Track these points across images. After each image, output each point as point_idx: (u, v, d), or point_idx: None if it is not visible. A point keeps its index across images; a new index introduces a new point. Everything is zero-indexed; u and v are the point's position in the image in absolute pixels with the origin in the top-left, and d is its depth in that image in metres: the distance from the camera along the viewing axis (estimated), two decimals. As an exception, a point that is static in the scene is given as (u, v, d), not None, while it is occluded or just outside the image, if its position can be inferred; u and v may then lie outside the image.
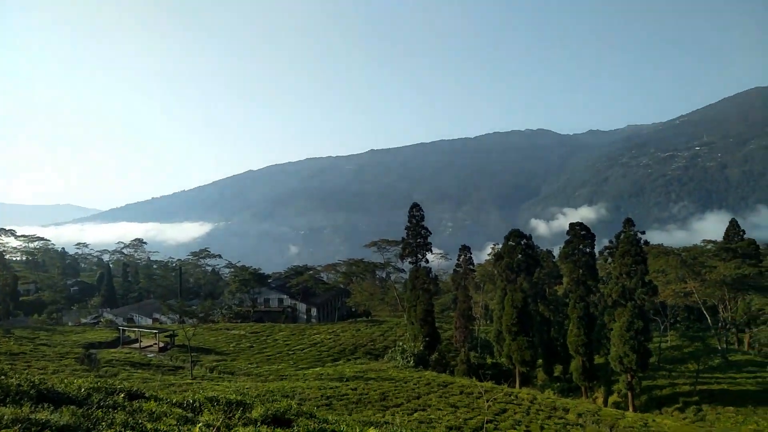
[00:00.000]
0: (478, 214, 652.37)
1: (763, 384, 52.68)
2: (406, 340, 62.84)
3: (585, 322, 56.06)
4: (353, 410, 30.35)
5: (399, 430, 14.00)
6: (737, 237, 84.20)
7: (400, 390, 37.66)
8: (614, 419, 35.49)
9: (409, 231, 69.27)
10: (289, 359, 57.05)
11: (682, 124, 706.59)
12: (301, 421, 12.50)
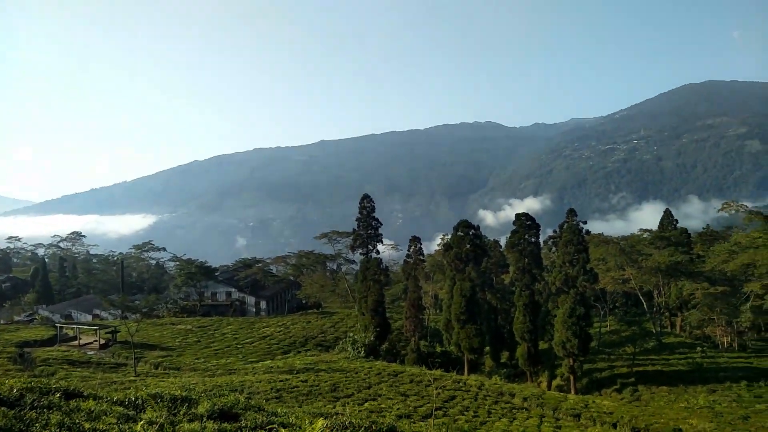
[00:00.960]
0: (428, 205, 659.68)
1: (693, 364, 55.96)
2: (356, 330, 62.99)
3: (530, 309, 57.85)
4: (304, 402, 30.20)
5: (349, 420, 14.02)
6: (671, 226, 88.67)
7: (350, 380, 37.75)
8: (557, 402, 36.84)
9: (360, 222, 69.27)
10: (238, 353, 56.13)
11: (621, 119, 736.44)
12: (249, 415, 12.31)
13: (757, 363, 56.17)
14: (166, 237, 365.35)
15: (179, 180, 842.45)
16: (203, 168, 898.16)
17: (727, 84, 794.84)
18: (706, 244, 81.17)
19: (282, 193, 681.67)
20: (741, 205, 64.81)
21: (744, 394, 47.04)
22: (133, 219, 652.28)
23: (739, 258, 57.50)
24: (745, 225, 69.82)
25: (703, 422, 35.54)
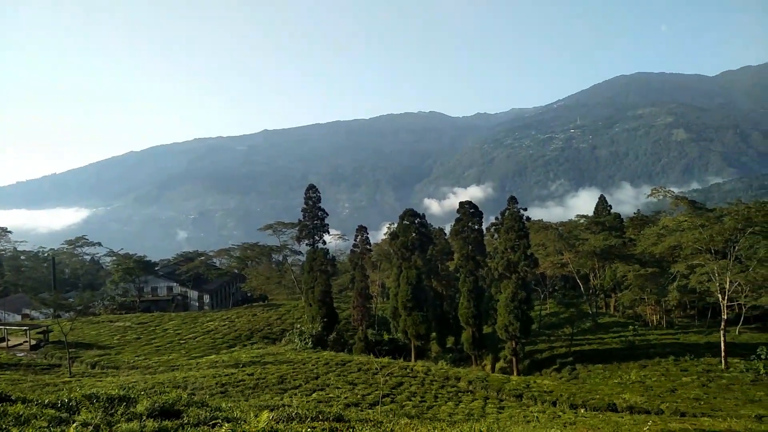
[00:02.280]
0: (374, 194, 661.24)
1: (626, 342, 59.05)
2: (304, 322, 62.62)
3: (474, 294, 59.24)
4: (250, 396, 29.80)
5: (296, 412, 13.93)
6: (605, 212, 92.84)
7: (298, 372, 37.53)
8: (501, 383, 38.03)
9: (305, 213, 68.64)
10: (181, 349, 54.63)
11: (559, 109, 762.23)
12: (192, 411, 12.00)
13: (683, 339, 59.96)
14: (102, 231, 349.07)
15: (114, 171, 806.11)
16: (139, 159, 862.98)
17: (656, 76, 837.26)
18: (638, 228, 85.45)
19: (224, 184, 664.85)
20: (668, 190, 68.67)
21: (671, 368, 50.09)
22: (64, 213, 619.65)
23: (667, 241, 60.91)
24: (672, 209, 74.02)
25: (635, 396, 37.63)
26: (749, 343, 54.89)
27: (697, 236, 54.57)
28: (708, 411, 34.88)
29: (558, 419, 27.84)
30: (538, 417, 28.18)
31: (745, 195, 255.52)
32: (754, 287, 52.19)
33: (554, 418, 28.18)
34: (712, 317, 67.11)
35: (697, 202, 71.13)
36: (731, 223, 52.51)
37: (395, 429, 11.97)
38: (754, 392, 42.07)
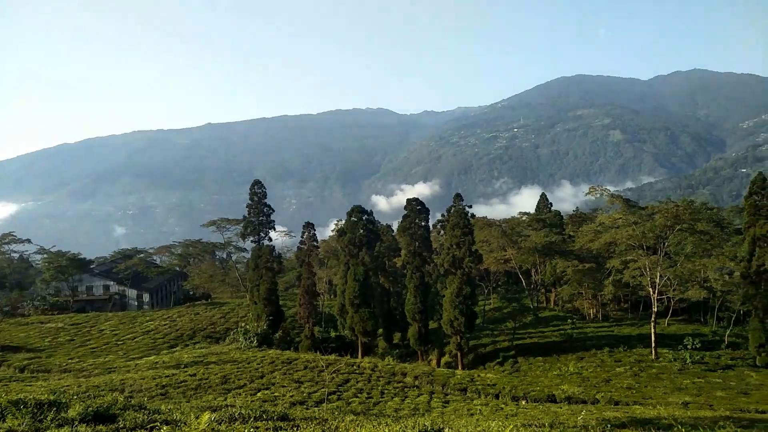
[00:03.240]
0: (321, 190, 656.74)
1: (565, 335, 61.35)
2: (249, 320, 61.48)
3: (421, 290, 59.93)
4: (192, 397, 28.99)
5: (239, 412, 13.65)
6: (546, 209, 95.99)
7: (243, 371, 36.82)
8: (446, 378, 38.66)
9: (250, 209, 67.35)
10: (119, 350, 52.48)
11: (503, 108, 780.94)
12: (128, 415, 11.55)
13: (617, 331, 62.89)
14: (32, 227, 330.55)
15: (45, 164, 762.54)
16: (73, 151, 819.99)
17: (594, 78, 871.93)
18: (576, 225, 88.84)
19: (165, 179, 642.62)
20: (605, 189, 71.55)
21: (606, 359, 52.47)
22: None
23: (603, 237, 63.62)
24: (608, 207, 77.36)
25: (573, 387, 39.15)
26: (677, 334, 58.23)
27: (631, 233, 57.27)
28: (639, 399, 36.74)
29: (500, 411, 28.58)
30: (481, 410, 28.84)
31: (675, 194, 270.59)
32: (682, 281, 55.36)
33: (497, 411, 28.91)
34: (644, 310, 70.72)
35: (631, 201, 74.60)
36: (661, 221, 55.40)
37: (340, 426, 11.93)
38: (681, 380, 44.68)
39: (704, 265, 57.08)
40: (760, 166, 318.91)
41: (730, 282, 59.05)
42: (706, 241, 60.06)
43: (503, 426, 10.68)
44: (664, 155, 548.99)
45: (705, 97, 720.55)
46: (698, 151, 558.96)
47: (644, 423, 17.08)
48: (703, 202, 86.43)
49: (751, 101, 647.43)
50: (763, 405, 34.78)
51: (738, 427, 17.31)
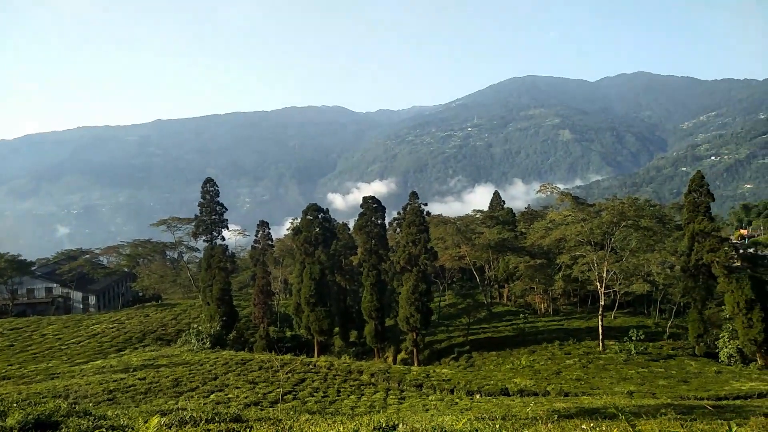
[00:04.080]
0: (276, 189, 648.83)
1: (517, 329, 62.85)
2: (201, 321, 60.12)
3: (377, 288, 60.10)
4: (141, 401, 28.09)
5: (190, 415, 13.34)
6: (499, 206, 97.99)
7: (195, 373, 35.95)
8: (402, 374, 38.91)
9: (203, 207, 65.90)
10: (63, 355, 50.30)
11: (458, 107, 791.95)
12: (72, 422, 11.11)
13: (567, 324, 64.91)
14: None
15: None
16: (12, 148, 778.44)
17: (545, 79, 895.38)
18: (528, 222, 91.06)
19: (112, 177, 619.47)
20: (555, 187, 73.66)
21: (557, 352, 54.07)
22: None
23: (553, 233, 65.45)
24: (558, 204, 79.59)
25: (525, 380, 40.13)
26: (623, 327, 60.60)
27: (579, 229, 59.15)
28: (588, 390, 38.02)
29: (455, 406, 29.00)
30: (436, 405, 29.19)
31: (620, 191, 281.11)
32: (627, 275, 57.64)
33: (452, 405, 29.32)
34: (592, 304, 73.21)
35: (579, 198, 77.03)
36: (608, 218, 57.48)
37: (294, 426, 11.83)
38: (626, 371, 46.52)
39: (647, 260, 59.59)
40: (699, 165, 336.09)
41: (671, 276, 61.90)
42: (650, 237, 62.71)
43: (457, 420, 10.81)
44: (610, 154, 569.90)
45: (648, 98, 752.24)
46: (642, 150, 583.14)
47: (592, 413, 17.70)
48: (646, 200, 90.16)
49: (691, 103, 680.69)
50: (701, 392, 36.63)
51: (678, 414, 18.17)
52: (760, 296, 47.34)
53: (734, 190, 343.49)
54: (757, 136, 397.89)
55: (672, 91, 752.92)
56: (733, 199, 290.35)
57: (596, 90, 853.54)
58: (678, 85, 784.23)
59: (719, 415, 20.18)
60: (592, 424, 10.76)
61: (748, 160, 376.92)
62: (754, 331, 46.18)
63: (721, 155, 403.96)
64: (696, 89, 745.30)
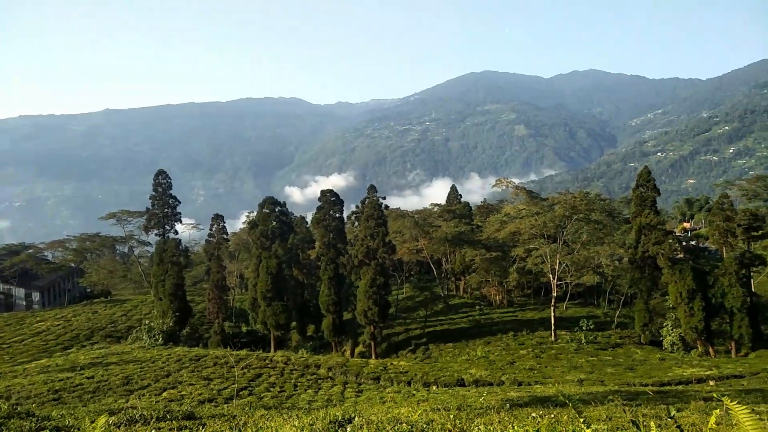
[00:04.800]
0: (232, 181, 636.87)
1: (473, 321, 63.95)
2: (153, 317, 58.52)
3: (335, 282, 59.91)
4: (89, 401, 27.15)
5: (140, 413, 12.95)
6: (456, 200, 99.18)
7: (146, 371, 35.01)
8: (359, 368, 39.01)
9: (154, 200, 64.09)
10: (4, 354, 48.08)
11: (416, 101, 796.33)
12: (13, 423, 10.62)
13: (521, 315, 66.49)
14: None
15: None
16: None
17: (501, 75, 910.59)
18: (484, 215, 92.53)
19: (58, 168, 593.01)
20: (510, 181, 75.16)
21: (511, 342, 55.32)
22: None
23: (508, 227, 66.80)
24: (513, 198, 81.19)
25: (480, 370, 40.93)
26: (574, 317, 62.53)
27: (533, 223, 60.58)
28: (540, 379, 39.09)
29: (412, 398, 29.28)
30: (393, 397, 29.39)
31: (572, 186, 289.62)
32: (578, 267, 59.47)
33: (409, 397, 29.59)
34: (545, 295, 75.25)
35: (533, 192, 78.78)
36: (561, 211, 59.08)
37: (249, 422, 11.66)
38: (577, 359, 48.07)
39: (597, 252, 61.62)
40: (646, 161, 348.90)
41: (619, 267, 64.25)
42: (600, 230, 64.83)
43: (413, 411, 10.90)
44: (563, 149, 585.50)
45: (599, 95, 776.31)
46: (593, 146, 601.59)
47: (544, 401, 18.20)
48: (597, 194, 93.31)
49: (639, 101, 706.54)
50: (646, 378, 38.23)
51: (624, 400, 18.87)
52: (700, 286, 49.73)
53: (678, 185, 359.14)
54: (699, 134, 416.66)
55: (622, 89, 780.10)
56: (677, 193, 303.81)
57: (550, 86, 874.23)
58: (627, 83, 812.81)
59: (662, 400, 21.11)
60: (541, 412, 11.04)
61: (691, 156, 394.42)
62: (695, 319, 48.47)
63: (666, 151, 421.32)
64: (644, 87, 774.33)
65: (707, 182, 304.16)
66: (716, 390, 27.68)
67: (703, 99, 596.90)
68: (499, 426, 6.50)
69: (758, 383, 32.37)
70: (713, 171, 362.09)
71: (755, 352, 48.02)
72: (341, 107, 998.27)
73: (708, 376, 37.38)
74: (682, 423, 6.72)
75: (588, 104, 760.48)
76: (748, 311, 48.71)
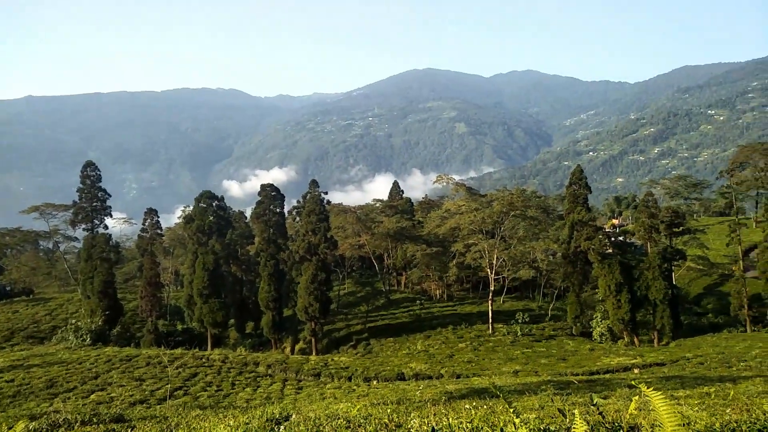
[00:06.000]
0: (167, 174, 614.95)
1: (413, 315, 64.76)
2: (81, 316, 55.64)
3: (275, 278, 59.04)
4: (8, 406, 25.50)
5: (64, 417, 12.28)
6: (398, 196, 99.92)
7: (73, 373, 33.23)
8: (300, 364, 38.62)
9: (82, 193, 60.88)
10: None
11: (359, 97, 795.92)
12: None
13: (460, 309, 67.95)
14: None
15: None
16: None
17: (443, 73, 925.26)
18: (425, 211, 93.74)
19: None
20: (450, 178, 76.58)
21: (450, 336, 56.42)
22: None
23: (448, 222, 68.00)
24: (453, 194, 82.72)
25: (420, 364, 41.53)
26: (510, 310, 64.51)
27: (473, 218, 61.95)
28: (478, 371, 40.09)
29: (353, 393, 29.30)
30: (334, 393, 29.32)
31: (510, 183, 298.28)
32: (515, 262, 61.40)
33: (349, 393, 29.59)
34: (483, 289, 77.16)
35: (473, 189, 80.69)
36: (499, 207, 60.72)
37: (182, 423, 11.28)
38: (513, 351, 49.66)
39: (533, 247, 63.81)
40: (579, 160, 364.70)
41: (553, 262, 66.80)
42: (535, 226, 67.18)
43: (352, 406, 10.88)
44: (501, 147, 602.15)
45: (536, 96, 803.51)
46: (530, 144, 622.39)
47: (480, 392, 18.65)
48: (533, 191, 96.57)
49: (573, 102, 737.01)
50: (576, 368, 40.00)
51: (556, 389, 19.65)
52: (627, 280, 52.51)
53: (608, 183, 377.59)
54: (628, 135, 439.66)
55: (557, 90, 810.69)
56: (607, 191, 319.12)
57: (490, 85, 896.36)
58: (562, 85, 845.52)
59: (590, 388, 22.14)
60: (477, 403, 11.30)
61: (620, 155, 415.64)
62: (622, 311, 51.16)
63: (598, 151, 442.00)
64: (578, 89, 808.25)
65: (634, 181, 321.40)
66: (640, 378, 29.32)
67: (631, 102, 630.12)
68: (435, 418, 6.58)
69: (677, 370, 34.56)
70: (640, 170, 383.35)
71: (675, 341, 51.23)
72: (283, 100, 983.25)
73: (633, 364, 39.53)
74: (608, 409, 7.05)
75: (525, 104, 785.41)
76: (669, 303, 51.88)
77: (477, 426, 5.14)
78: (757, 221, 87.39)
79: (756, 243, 65.06)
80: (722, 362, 34.77)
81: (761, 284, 53.54)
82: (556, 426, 4.54)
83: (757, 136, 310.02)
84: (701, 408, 8.21)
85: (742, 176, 70.17)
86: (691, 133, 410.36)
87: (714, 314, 62.28)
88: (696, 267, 75.54)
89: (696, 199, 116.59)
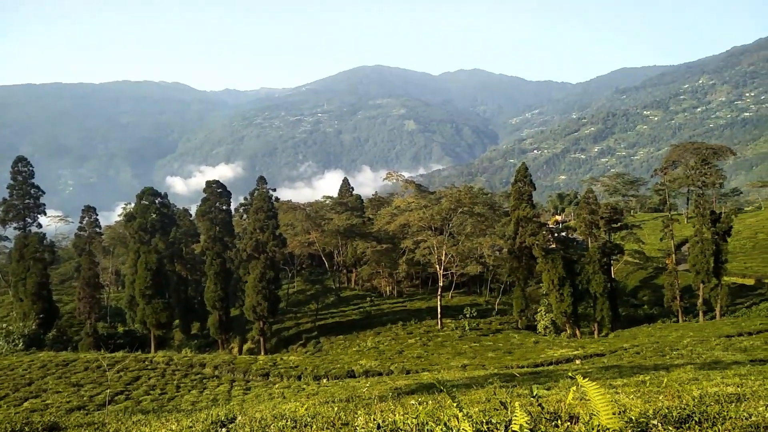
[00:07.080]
0: (106, 170, 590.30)
1: (364, 312, 64.87)
2: (12, 320, 52.64)
3: (222, 277, 57.78)
4: (-70, 418, 23.78)
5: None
6: (348, 193, 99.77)
7: (4, 380, 31.41)
8: (248, 365, 37.96)
9: (13, 190, 57.62)
10: None
11: (308, 92, 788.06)
12: None
13: (410, 305, 68.58)
14: None
15: None
16: None
17: (392, 70, 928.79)
18: (375, 208, 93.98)
19: None
20: (400, 175, 77.16)
21: (400, 332, 56.88)
22: None
23: (398, 219, 68.49)
24: (403, 191, 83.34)
25: (370, 361, 41.65)
26: (458, 305, 65.65)
27: (422, 215, 62.64)
28: (427, 366, 40.59)
29: (302, 392, 29.07)
30: (283, 393, 29.00)
31: (458, 180, 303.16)
32: (463, 258, 62.50)
33: (299, 392, 29.34)
34: (432, 285, 78.19)
35: (422, 186, 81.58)
36: (447, 204, 61.65)
37: (122, 428, 10.86)
38: (461, 346, 50.56)
39: (480, 243, 65.15)
40: (524, 157, 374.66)
41: (499, 257, 68.47)
42: (482, 222, 68.59)
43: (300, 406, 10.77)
44: (450, 145, 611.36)
45: (483, 94, 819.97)
46: (477, 142, 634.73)
47: (429, 388, 18.89)
48: (480, 188, 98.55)
49: (519, 101, 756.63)
50: (522, 361, 41.16)
51: (502, 382, 20.14)
52: (569, 274, 54.45)
53: (552, 181, 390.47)
54: (570, 134, 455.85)
55: (503, 89, 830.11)
56: (551, 188, 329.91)
57: (438, 83, 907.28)
58: (508, 84, 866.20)
59: (534, 380, 22.82)
60: (423, 399, 11.43)
61: (563, 154, 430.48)
62: (565, 304, 53.04)
63: (542, 149, 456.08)
64: (523, 88, 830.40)
65: (576, 178, 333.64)
66: (581, 368, 30.49)
67: (573, 102, 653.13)
68: (382, 415, 6.60)
69: (616, 360, 36.14)
70: (581, 168, 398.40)
71: (614, 332, 53.55)
72: (229, 94, 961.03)
73: (575, 355, 41.03)
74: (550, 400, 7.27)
75: (473, 102, 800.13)
76: (608, 296, 54.20)
77: (422, 421, 5.19)
78: (688, 217, 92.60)
79: (687, 237, 68.87)
80: (657, 351, 36.59)
81: (692, 277, 56.69)
82: (498, 418, 4.63)
83: (688, 135, 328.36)
84: (637, 396, 8.61)
85: (675, 174, 73.97)
86: (628, 133, 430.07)
87: (649, 306, 65.45)
88: (633, 261, 79.24)
89: (633, 196, 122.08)
